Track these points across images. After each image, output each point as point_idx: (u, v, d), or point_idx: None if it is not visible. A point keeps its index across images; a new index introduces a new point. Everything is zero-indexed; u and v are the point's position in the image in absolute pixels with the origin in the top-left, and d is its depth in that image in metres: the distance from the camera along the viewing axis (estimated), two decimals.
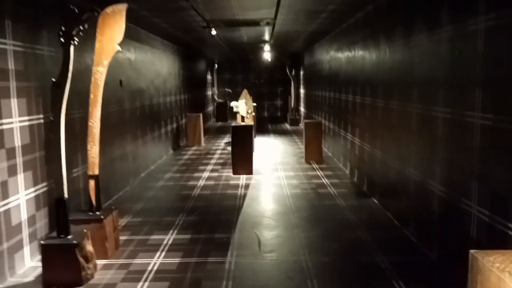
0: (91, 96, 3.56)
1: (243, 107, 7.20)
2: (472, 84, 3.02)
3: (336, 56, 8.39)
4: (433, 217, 3.70)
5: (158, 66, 8.50)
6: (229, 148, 8.93)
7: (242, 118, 7.40)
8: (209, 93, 16.93)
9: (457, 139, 3.27)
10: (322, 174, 7.10)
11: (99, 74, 3.54)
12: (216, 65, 18.69)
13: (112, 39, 3.52)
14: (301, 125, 14.97)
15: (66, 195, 3.12)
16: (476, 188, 2.98)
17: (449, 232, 3.42)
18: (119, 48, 3.55)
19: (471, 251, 2.13)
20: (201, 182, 6.59)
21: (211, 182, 6.59)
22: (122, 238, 4.17)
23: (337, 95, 8.22)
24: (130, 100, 6.60)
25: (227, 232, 4.37)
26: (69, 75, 3.00)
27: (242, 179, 6.81)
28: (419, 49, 4.04)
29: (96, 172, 3.67)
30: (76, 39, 2.96)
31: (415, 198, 4.16)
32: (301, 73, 15.21)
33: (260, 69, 19.49)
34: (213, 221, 4.75)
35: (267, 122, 16.66)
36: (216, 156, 9.00)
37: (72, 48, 2.97)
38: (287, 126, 15.29)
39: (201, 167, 7.77)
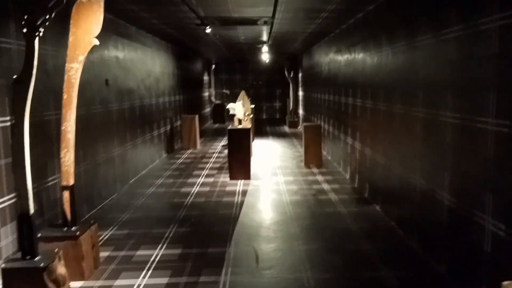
0: (64, 96, 3.15)
1: (240, 110, 6.80)
2: (485, 87, 2.70)
3: (335, 58, 8.01)
4: (441, 229, 3.37)
5: (150, 65, 8.10)
6: (226, 151, 8.51)
7: (239, 120, 6.99)
8: (206, 94, 16.52)
9: (468, 146, 2.95)
10: (322, 179, 6.71)
11: (74, 71, 3.13)
12: (213, 66, 18.29)
13: (88, 32, 3.11)
14: (300, 128, 14.58)
15: (31, 210, 2.71)
16: (491, 200, 2.67)
17: (459, 245, 3.09)
18: (96, 41, 3.15)
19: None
20: (195, 189, 6.17)
21: (206, 189, 6.18)
22: (103, 254, 3.75)
23: (337, 98, 7.83)
24: (117, 101, 6.18)
25: (221, 246, 3.96)
26: (34, 71, 2.59)
27: (239, 184, 6.40)
28: (424, 50, 3.69)
29: (71, 182, 3.25)
30: (41, 29, 2.55)
31: (421, 207, 3.80)
32: (300, 75, 14.82)
33: (258, 70, 19.10)
34: (206, 233, 4.34)
35: (266, 124, 16.26)
36: (212, 159, 8.59)
37: (37, 40, 2.56)
38: (286, 128, 14.90)
39: (196, 172, 7.36)
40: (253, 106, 10.86)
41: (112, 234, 4.31)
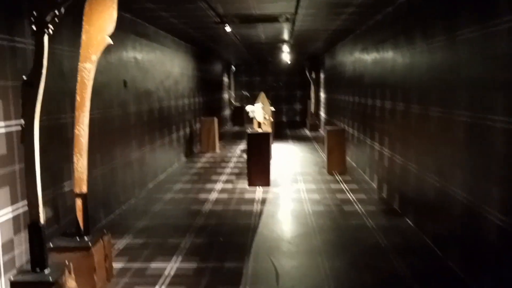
0: (77, 98, 2.96)
1: (259, 112, 6.54)
2: None
3: (360, 57, 7.65)
4: (487, 250, 3.01)
5: (169, 66, 7.94)
6: (246, 156, 8.28)
7: (259, 124, 6.73)
8: (226, 96, 16.36)
9: None
10: (347, 188, 6.37)
11: (87, 72, 2.94)
12: (233, 67, 18.12)
13: (101, 29, 2.91)
14: (321, 131, 14.22)
15: (42, 219, 2.52)
16: None
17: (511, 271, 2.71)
18: (110, 40, 2.95)
19: None
20: (213, 195, 5.95)
21: (224, 196, 5.94)
22: (117, 266, 3.55)
23: (362, 100, 7.48)
24: (136, 103, 6.02)
25: (239, 260, 3.70)
26: (44, 71, 2.40)
27: (258, 192, 6.14)
28: (468, 46, 3.33)
29: (84, 189, 3.06)
30: (51, 26, 2.36)
31: (463, 224, 3.43)
32: (321, 76, 14.47)
33: (278, 71, 18.82)
34: (224, 245, 4.09)
35: (286, 127, 15.96)
36: (231, 164, 8.36)
37: (46, 38, 2.37)
38: (307, 131, 14.56)
39: (214, 177, 7.14)
40: (273, 108, 10.60)
41: (128, 243, 4.11)
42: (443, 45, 3.84)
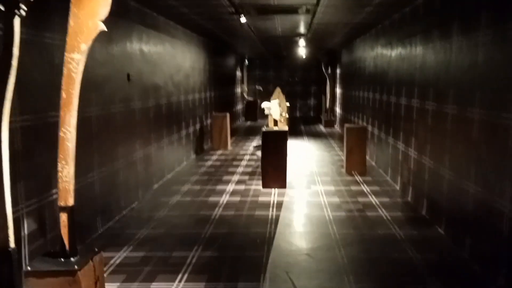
0: (63, 94, 2.52)
1: (276, 109, 6.04)
2: None
3: (383, 53, 7.07)
4: None
5: (179, 59, 7.49)
6: (259, 153, 7.82)
7: (275, 121, 6.23)
8: (238, 90, 15.88)
9: None
10: (368, 190, 5.85)
11: (74, 64, 2.49)
12: (246, 61, 17.61)
13: (92, 14, 2.45)
14: (337, 127, 13.65)
15: (12, 243, 2.09)
16: None
17: None
18: (103, 26, 2.49)
19: None
20: (224, 198, 5.50)
21: (236, 199, 5.49)
22: (111, 286, 3.12)
23: (385, 97, 6.91)
24: (141, 98, 5.59)
25: (254, 279, 3.24)
26: (14, 62, 1.96)
27: (274, 194, 5.67)
28: None
29: (70, 202, 2.62)
30: (23, 7, 1.92)
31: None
32: (338, 71, 13.85)
33: (293, 66, 18.25)
34: (236, 260, 3.63)
35: (300, 123, 15.42)
36: (243, 163, 7.89)
37: (17, 21, 1.93)
38: (322, 127, 14.00)
39: (226, 177, 6.68)
40: (288, 104, 10.07)
41: (126, 257, 3.68)
42: (488, 40, 3.29)
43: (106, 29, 2.48)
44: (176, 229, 4.40)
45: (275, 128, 6.11)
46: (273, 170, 5.89)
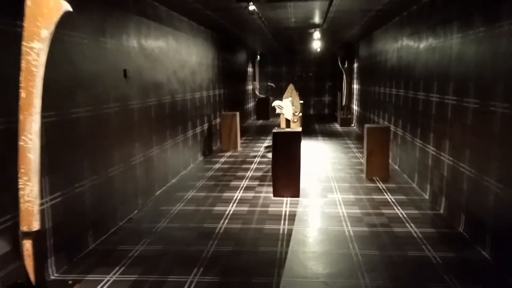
0: (22, 94, 2.01)
1: (288, 108, 5.45)
2: None
3: (409, 44, 6.41)
4: None
5: (184, 54, 6.96)
6: (270, 155, 7.27)
7: (287, 121, 5.64)
8: (250, 87, 15.31)
9: None
10: (393, 199, 5.23)
11: (34, 55, 1.97)
12: (258, 57, 17.02)
13: None
14: (354, 126, 12.98)
15: None
16: None
17: None
18: (67, 6, 1.96)
19: None
20: (230, 208, 4.96)
21: (244, 208, 4.94)
22: None
23: (411, 94, 6.26)
24: (140, 97, 5.08)
25: None
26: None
27: (285, 204, 5.10)
28: None
29: (35, 226, 2.12)
30: None
31: None
32: (355, 66, 13.16)
33: (307, 61, 17.58)
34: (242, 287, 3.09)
35: (314, 121, 14.77)
36: (253, 166, 7.34)
37: None
38: (337, 126, 13.34)
39: (234, 183, 6.14)
40: (301, 101, 9.48)
41: (114, 281, 3.17)
42: None
43: (71, 9, 1.95)
44: (175, 245, 3.88)
45: (288, 130, 5.52)
46: (285, 176, 5.31)
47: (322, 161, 7.64)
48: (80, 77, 3.73)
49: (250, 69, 15.37)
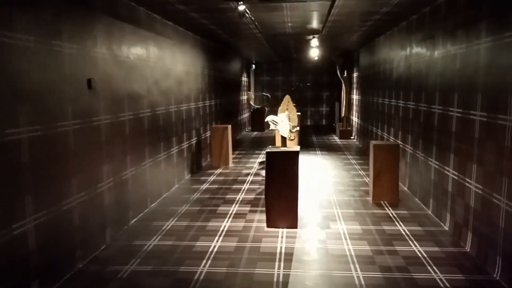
0: None
1: (284, 124, 4.70)
2: None
3: (419, 51, 5.72)
4: None
5: (169, 62, 6.22)
6: (264, 173, 6.53)
7: (283, 139, 4.87)
8: (244, 98, 14.58)
9: None
10: (407, 231, 4.47)
11: None
12: (253, 66, 16.35)
13: None
14: (353, 139, 12.27)
15: None
16: None
17: None
18: None
19: None
20: (215, 243, 4.17)
21: (232, 244, 4.15)
22: None
23: (423, 107, 5.55)
24: (110, 111, 4.30)
25: None
26: None
27: (281, 237, 4.32)
28: None
29: None
30: None
31: None
32: (355, 75, 12.48)
33: (304, 70, 16.93)
34: None
35: (311, 133, 14.04)
36: (245, 186, 6.56)
37: None
38: (336, 139, 12.60)
39: (222, 208, 5.36)
40: (299, 113, 8.75)
41: None
42: None
43: None
44: None
45: (283, 149, 4.74)
46: (280, 204, 4.54)
47: (322, 180, 6.87)
48: (23, 89, 2.96)
49: (244, 79, 14.67)
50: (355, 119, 12.33)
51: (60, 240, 3.40)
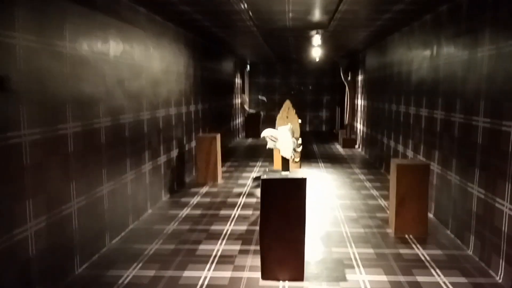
0: None
1: (287, 141, 3.47)
2: None
3: (452, 50, 4.57)
4: None
5: (139, 57, 5.00)
6: (259, 192, 5.37)
7: (284, 160, 3.62)
8: (238, 101, 13.38)
9: None
10: (446, 281, 3.28)
11: None
12: (248, 66, 15.17)
13: None
14: (358, 148, 11.10)
15: None
16: None
17: None
18: None
19: None
20: None
21: None
22: None
23: (458, 118, 4.41)
24: (40, 122, 3.06)
25: None
26: None
27: None
28: None
29: None
30: None
31: None
32: (360, 78, 11.33)
33: (303, 72, 15.77)
34: None
35: (312, 141, 12.86)
36: (236, 212, 5.34)
37: None
38: (339, 147, 11.43)
39: (203, 247, 4.13)
40: (300, 121, 7.57)
41: None
42: None
43: None
44: None
45: (284, 174, 3.51)
46: (281, 248, 3.33)
47: (329, 204, 5.67)
48: None
49: (238, 80, 13.46)
50: (359, 126, 11.17)
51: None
